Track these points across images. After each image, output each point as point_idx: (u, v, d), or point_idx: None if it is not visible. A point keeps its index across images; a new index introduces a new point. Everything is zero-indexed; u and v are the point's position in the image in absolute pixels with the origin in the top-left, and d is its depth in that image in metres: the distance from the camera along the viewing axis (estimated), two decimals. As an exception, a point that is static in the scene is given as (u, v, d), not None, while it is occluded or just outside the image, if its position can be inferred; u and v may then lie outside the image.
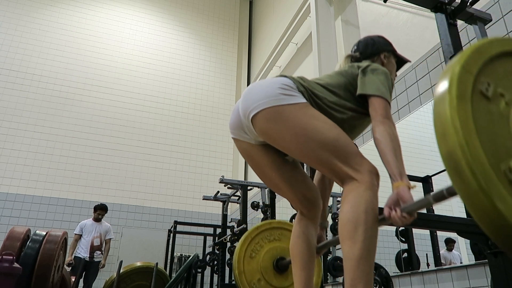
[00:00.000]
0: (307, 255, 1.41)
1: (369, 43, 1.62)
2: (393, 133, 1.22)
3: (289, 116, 1.23)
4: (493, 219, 0.57)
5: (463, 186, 0.59)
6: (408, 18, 3.83)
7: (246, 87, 1.35)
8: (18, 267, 2.50)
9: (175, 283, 4.05)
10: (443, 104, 0.63)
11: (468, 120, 0.61)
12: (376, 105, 1.29)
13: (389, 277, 2.77)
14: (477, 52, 0.68)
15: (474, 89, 0.65)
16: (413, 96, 3.42)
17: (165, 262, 6.58)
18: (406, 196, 1.08)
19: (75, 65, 8.04)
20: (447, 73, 0.67)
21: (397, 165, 1.14)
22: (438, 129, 0.64)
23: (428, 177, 3.21)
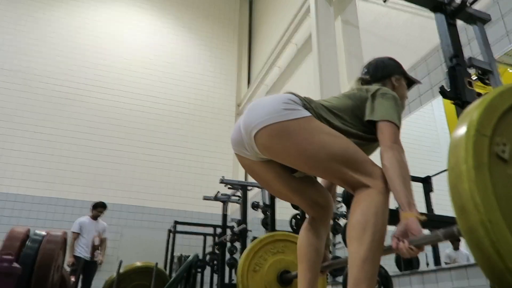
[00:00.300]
0: (314, 256, 1.40)
1: (380, 66, 1.59)
2: (401, 160, 1.19)
3: (294, 131, 1.19)
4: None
5: (488, 265, 0.56)
6: (408, 18, 3.83)
7: (250, 104, 1.32)
8: (17, 267, 2.50)
9: (175, 283, 4.06)
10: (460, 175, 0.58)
11: (488, 193, 0.56)
12: (384, 130, 1.26)
13: (388, 276, 2.77)
14: (489, 109, 0.63)
15: (490, 153, 0.60)
16: (413, 96, 3.42)
17: (165, 262, 6.58)
18: (415, 228, 1.07)
19: (75, 65, 8.04)
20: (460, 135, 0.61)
21: (405, 194, 1.12)
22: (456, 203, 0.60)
23: (428, 177, 3.21)
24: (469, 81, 1.67)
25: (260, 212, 4.69)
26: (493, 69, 1.80)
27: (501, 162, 0.60)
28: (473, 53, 2.84)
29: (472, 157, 0.58)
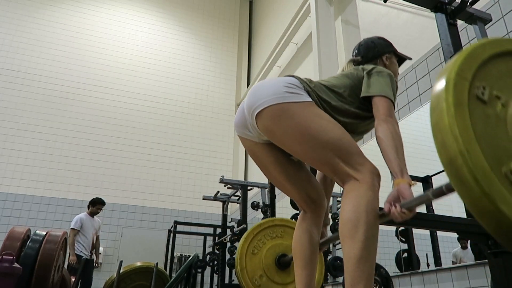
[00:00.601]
0: (309, 254, 1.41)
1: (370, 46, 1.62)
2: (395, 131, 1.23)
3: (294, 114, 1.23)
4: (498, 222, 0.58)
5: (466, 192, 0.59)
6: (408, 18, 3.83)
7: (253, 85, 1.35)
8: (18, 267, 2.50)
9: (175, 283, 4.06)
10: (441, 112, 0.63)
11: (467, 127, 0.61)
12: (379, 104, 1.30)
13: (389, 277, 2.77)
14: (470, 57, 0.68)
15: (470, 94, 0.65)
16: (413, 96, 3.42)
17: (165, 262, 6.58)
18: (406, 192, 1.10)
19: (75, 65, 8.04)
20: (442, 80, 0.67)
21: (398, 162, 1.16)
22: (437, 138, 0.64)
23: (428, 177, 3.21)
24: (469, 81, 1.67)
25: (260, 212, 4.69)
26: (493, 69, 1.80)
27: (480, 102, 0.66)
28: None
29: (452, 96, 0.63)
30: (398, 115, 3.51)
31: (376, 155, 1.32)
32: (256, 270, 2.31)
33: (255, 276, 2.28)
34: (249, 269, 2.29)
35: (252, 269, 2.30)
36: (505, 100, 0.68)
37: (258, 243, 2.38)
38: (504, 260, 1.48)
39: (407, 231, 3.25)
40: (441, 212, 3.14)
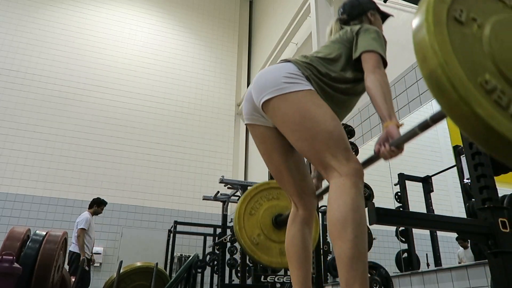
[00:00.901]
0: (303, 255, 1.41)
1: (355, 4, 1.67)
2: (383, 80, 1.29)
3: (291, 103, 1.29)
4: (475, 124, 0.64)
5: (445, 99, 0.65)
6: (408, 18, 3.83)
7: (257, 74, 1.43)
8: (18, 267, 2.51)
9: (175, 283, 4.06)
10: (422, 30, 0.69)
11: (445, 42, 0.67)
12: (367, 58, 1.35)
13: (389, 277, 2.77)
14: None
15: (448, 16, 0.71)
16: (413, 96, 3.42)
17: (165, 262, 6.58)
18: (394, 132, 1.18)
19: (75, 65, 8.04)
20: (423, 4, 0.72)
21: (386, 107, 1.23)
22: (418, 55, 0.69)
23: (428, 177, 3.21)
24: (469, 81, 1.67)
25: (260, 212, 4.68)
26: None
27: (458, 23, 0.72)
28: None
29: (432, 16, 0.69)
30: (398, 115, 3.51)
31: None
32: (254, 229, 2.43)
33: (253, 235, 2.41)
34: (247, 228, 2.42)
35: (250, 228, 2.42)
36: (480, 22, 0.74)
37: (255, 205, 2.49)
38: (504, 260, 1.48)
39: (407, 231, 3.25)
40: (441, 212, 3.15)
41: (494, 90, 0.66)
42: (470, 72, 0.66)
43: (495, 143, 0.64)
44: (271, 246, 2.41)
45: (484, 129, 0.63)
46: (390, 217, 1.51)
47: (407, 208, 3.27)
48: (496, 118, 0.63)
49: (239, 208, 2.46)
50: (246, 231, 2.40)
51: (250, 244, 2.38)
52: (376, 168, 1.36)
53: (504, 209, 1.60)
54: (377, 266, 2.78)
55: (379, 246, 3.50)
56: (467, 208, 2.29)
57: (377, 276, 2.71)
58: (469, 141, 1.72)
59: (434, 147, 3.46)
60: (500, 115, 0.63)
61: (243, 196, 2.53)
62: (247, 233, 2.40)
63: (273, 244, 2.42)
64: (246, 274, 3.54)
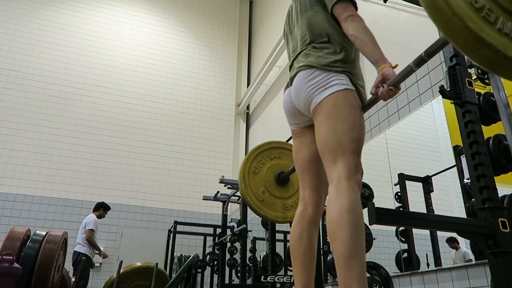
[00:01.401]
0: (308, 256, 1.40)
1: None
2: (365, 27, 1.34)
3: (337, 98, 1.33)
4: (467, 37, 0.70)
5: (440, 16, 0.71)
6: (408, 18, 3.83)
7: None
8: (18, 267, 2.50)
9: (175, 283, 4.06)
10: None
11: None
12: (338, 10, 1.39)
13: (389, 277, 2.77)
14: None
15: None
16: (413, 96, 3.42)
17: (165, 262, 6.58)
18: (390, 73, 1.22)
19: (75, 65, 8.04)
20: None
21: (377, 52, 1.27)
22: None
23: (428, 177, 3.21)
24: (469, 81, 1.67)
25: (260, 212, 4.67)
26: (493, 69, 1.80)
27: None
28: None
29: None
30: (398, 115, 3.51)
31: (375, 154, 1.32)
32: (259, 187, 2.54)
33: (258, 192, 2.51)
34: (252, 186, 2.53)
35: (255, 186, 2.53)
36: None
37: (258, 164, 2.60)
38: (504, 260, 1.48)
39: (407, 231, 3.25)
40: (441, 212, 3.14)
41: (482, 8, 0.72)
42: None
43: (485, 53, 0.71)
44: (275, 202, 2.52)
45: (475, 41, 0.70)
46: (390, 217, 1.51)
47: (407, 208, 3.27)
48: (485, 30, 0.70)
49: (243, 168, 2.56)
50: (251, 189, 2.50)
51: (256, 201, 2.48)
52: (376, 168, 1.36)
53: (504, 209, 1.60)
54: (377, 266, 2.78)
55: (379, 246, 3.50)
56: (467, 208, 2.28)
57: (377, 276, 2.71)
58: (469, 141, 1.72)
59: (434, 147, 3.46)
60: (488, 29, 0.71)
61: (246, 156, 2.64)
62: (252, 190, 2.50)
63: (277, 200, 2.53)
64: (246, 274, 3.54)
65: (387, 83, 1.22)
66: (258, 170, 2.57)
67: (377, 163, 1.29)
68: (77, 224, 6.98)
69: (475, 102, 1.67)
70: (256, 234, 5.77)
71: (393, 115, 3.50)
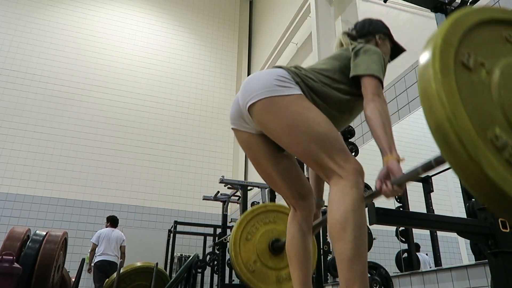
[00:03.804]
0: (303, 255, 1.41)
1: (366, 23, 1.65)
2: (383, 110, 1.24)
3: (282, 107, 1.25)
4: (485, 186, 0.58)
5: (453, 157, 0.61)
6: (408, 18, 3.83)
7: (245, 78, 1.39)
8: (18, 267, 2.51)
9: (175, 283, 4.05)
10: (428, 78, 0.65)
11: (453, 93, 0.62)
12: (367, 83, 1.30)
13: (389, 277, 2.77)
14: (455, 24, 0.70)
15: (456, 61, 0.67)
16: (413, 96, 3.42)
17: (165, 262, 6.58)
18: (396, 168, 1.13)
19: (75, 65, 8.04)
20: (428, 47, 0.68)
21: (386, 139, 1.18)
22: (425, 104, 0.65)
23: (428, 177, 3.21)
24: (469, 81, 1.67)
25: (260, 212, 4.67)
26: (493, 69, 1.80)
27: (466, 69, 0.67)
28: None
29: (439, 62, 0.64)
30: (398, 115, 3.51)
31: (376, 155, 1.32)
32: (250, 255, 2.32)
33: (249, 262, 2.29)
34: (243, 255, 2.30)
35: (246, 254, 2.31)
36: (489, 67, 0.70)
37: (252, 229, 2.39)
38: (504, 260, 1.48)
39: (407, 231, 3.25)
40: (441, 212, 3.14)
41: (505, 147, 0.61)
42: (479, 126, 0.61)
43: (508, 208, 0.58)
44: (267, 273, 2.30)
45: (496, 194, 0.58)
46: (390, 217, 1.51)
47: (407, 208, 3.27)
48: (509, 181, 0.57)
49: (235, 233, 2.36)
50: (242, 257, 2.29)
51: (246, 272, 2.26)
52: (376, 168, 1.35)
53: (504, 209, 1.60)
54: (377, 266, 2.78)
55: (379, 246, 3.50)
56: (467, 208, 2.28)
57: (377, 276, 2.71)
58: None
59: (434, 147, 3.46)
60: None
61: (239, 220, 2.43)
62: (243, 259, 2.29)
63: (270, 271, 2.31)
64: (246, 274, 3.53)
65: (392, 181, 1.13)
66: (251, 236, 2.35)
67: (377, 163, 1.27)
68: (77, 224, 6.99)
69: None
70: (256, 234, 5.76)
71: (393, 115, 3.50)
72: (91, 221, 7.11)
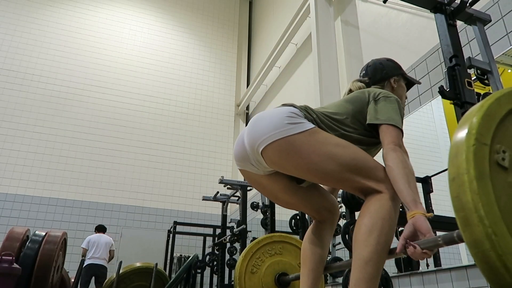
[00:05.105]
0: (318, 261, 1.40)
1: (378, 68, 1.57)
2: (405, 161, 1.17)
3: (302, 145, 1.19)
4: None
5: (495, 279, 0.55)
6: (408, 19, 3.84)
7: (252, 119, 1.31)
8: (17, 267, 2.50)
9: (174, 283, 4.05)
10: (462, 186, 0.57)
11: (492, 204, 0.56)
12: (387, 132, 1.24)
13: (388, 277, 2.77)
14: (487, 116, 0.62)
15: (491, 162, 0.59)
16: (413, 96, 3.42)
17: (165, 262, 6.58)
18: (424, 227, 1.02)
19: (75, 65, 8.04)
20: (461, 147, 0.59)
21: (410, 193, 1.09)
22: (459, 214, 0.59)
23: (427, 177, 3.21)
24: (469, 81, 1.67)
25: (259, 213, 4.68)
26: (493, 69, 1.81)
27: (502, 170, 0.60)
28: (473, 53, 2.84)
29: (473, 167, 0.57)
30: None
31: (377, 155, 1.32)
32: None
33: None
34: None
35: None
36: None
37: (257, 261, 2.32)
38: (503, 260, 1.48)
39: (407, 231, 3.25)
40: (441, 212, 3.14)
41: None
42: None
43: None
44: None
45: None
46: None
47: (406, 208, 3.27)
48: None
49: (240, 266, 2.28)
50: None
51: None
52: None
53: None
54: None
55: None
56: None
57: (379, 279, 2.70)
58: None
59: (434, 147, 3.47)
60: None
61: (244, 252, 2.35)
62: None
63: None
64: (246, 275, 3.52)
65: (421, 246, 1.00)
66: (257, 269, 2.28)
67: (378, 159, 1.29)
68: (76, 224, 6.99)
69: (475, 103, 1.68)
70: (256, 234, 5.77)
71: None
72: (90, 221, 7.10)
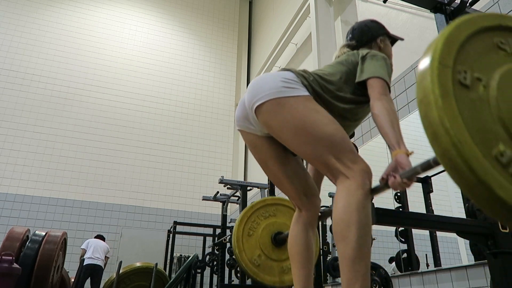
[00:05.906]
0: (305, 255, 1.41)
1: (364, 30, 1.64)
2: (390, 108, 1.25)
3: (290, 108, 1.26)
4: (496, 207, 0.60)
5: (463, 181, 0.62)
6: (408, 19, 3.84)
7: (252, 80, 1.39)
8: (17, 267, 2.50)
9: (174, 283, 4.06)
10: (429, 105, 0.65)
11: (456, 117, 0.63)
12: (373, 85, 1.32)
13: (388, 277, 2.77)
14: (448, 41, 0.69)
15: (454, 81, 0.66)
16: (412, 96, 3.42)
17: (165, 262, 6.58)
18: (404, 162, 1.13)
19: (75, 65, 8.04)
20: (425, 69, 0.67)
21: (394, 135, 1.18)
22: (428, 130, 0.66)
23: (427, 177, 3.21)
24: (469, 81, 1.67)
25: (259, 213, 4.68)
26: (493, 69, 1.80)
27: (464, 88, 0.68)
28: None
29: (438, 87, 0.64)
30: (398, 115, 3.50)
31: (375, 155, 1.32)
32: (254, 250, 2.36)
33: (253, 257, 2.34)
34: (247, 250, 2.35)
35: (250, 250, 2.36)
36: (485, 81, 0.70)
37: (253, 224, 2.43)
38: (503, 260, 1.48)
39: (407, 231, 3.25)
40: (440, 213, 3.15)
41: (510, 163, 0.62)
42: (484, 146, 0.62)
43: None
44: (272, 265, 2.36)
45: (508, 211, 0.60)
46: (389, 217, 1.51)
47: (406, 208, 3.27)
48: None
49: (236, 231, 2.40)
50: (246, 253, 2.34)
51: (251, 267, 2.32)
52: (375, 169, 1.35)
53: (504, 210, 1.60)
54: (376, 266, 2.78)
55: (379, 246, 3.50)
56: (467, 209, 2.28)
57: (377, 276, 2.71)
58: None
59: (434, 147, 3.46)
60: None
61: (239, 217, 2.47)
62: (247, 255, 2.33)
63: (274, 263, 2.36)
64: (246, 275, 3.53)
65: (400, 174, 1.12)
66: (253, 232, 2.40)
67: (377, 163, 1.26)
68: (76, 224, 6.99)
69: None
70: (256, 234, 5.77)
71: (393, 116, 3.50)
72: (90, 221, 7.10)
